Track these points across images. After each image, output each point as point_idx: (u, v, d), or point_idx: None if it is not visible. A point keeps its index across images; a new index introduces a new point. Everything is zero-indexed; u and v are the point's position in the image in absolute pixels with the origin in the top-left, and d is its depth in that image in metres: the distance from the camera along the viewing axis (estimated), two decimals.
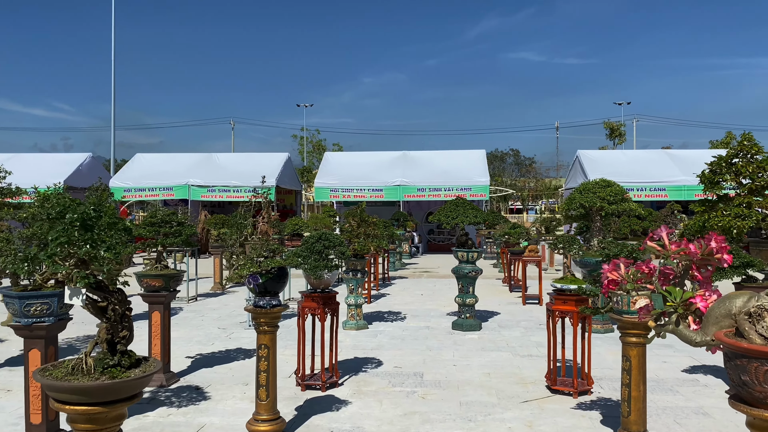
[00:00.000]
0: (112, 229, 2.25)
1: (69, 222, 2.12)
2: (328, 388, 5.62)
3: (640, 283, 2.66)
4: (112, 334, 2.33)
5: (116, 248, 2.19)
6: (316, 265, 5.20)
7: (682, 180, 21.33)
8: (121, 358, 2.30)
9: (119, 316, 2.36)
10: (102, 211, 2.20)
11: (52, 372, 2.20)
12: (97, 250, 2.15)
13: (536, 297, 10.82)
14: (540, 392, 5.53)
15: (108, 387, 2.13)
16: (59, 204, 2.16)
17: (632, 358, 3.84)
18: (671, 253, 2.48)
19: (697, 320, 2.51)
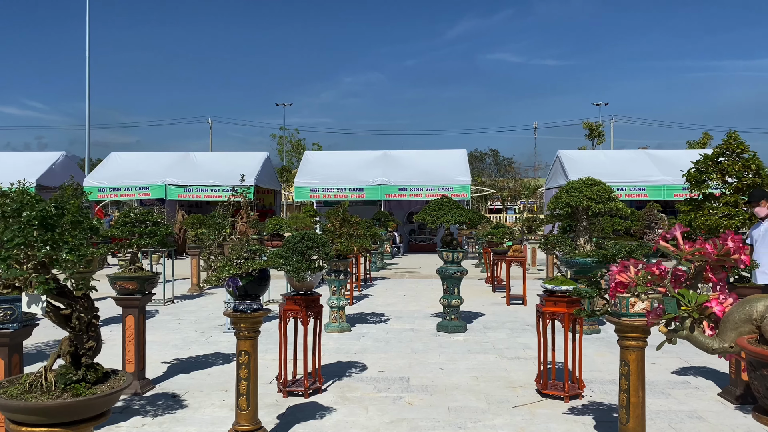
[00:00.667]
0: (75, 228, 2.02)
1: (26, 221, 1.88)
2: (311, 395, 5.41)
3: (650, 285, 2.49)
4: (77, 345, 2.10)
5: (80, 250, 1.96)
6: (299, 267, 4.99)
7: (662, 180, 21.47)
8: (86, 372, 2.06)
9: (85, 325, 2.13)
10: (64, 208, 1.97)
11: (7, 389, 1.97)
12: (58, 252, 1.93)
13: (520, 297, 10.70)
14: (530, 396, 5.37)
15: (70, 406, 1.90)
16: (15, 201, 1.93)
17: (631, 363, 3.68)
18: (686, 254, 2.32)
19: (711, 325, 2.35)
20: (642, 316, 3.64)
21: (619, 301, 3.67)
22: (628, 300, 3.62)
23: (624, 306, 3.65)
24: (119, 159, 23.99)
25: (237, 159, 23.67)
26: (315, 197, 21.86)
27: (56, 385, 1.99)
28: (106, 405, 2.01)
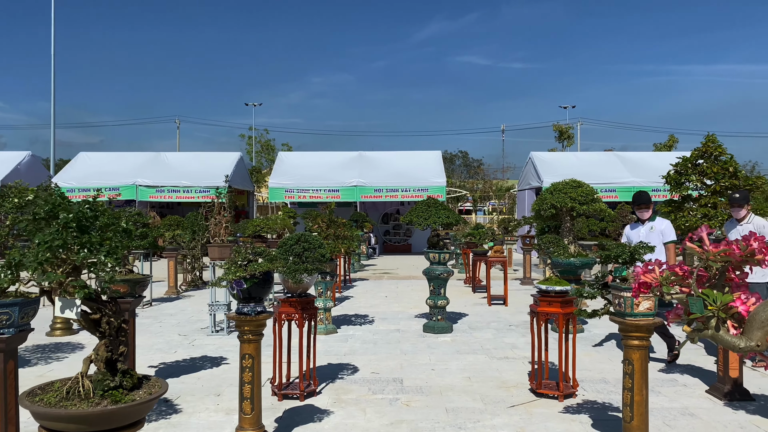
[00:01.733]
0: (108, 230, 1.96)
1: (63, 223, 1.82)
2: (306, 397, 5.37)
3: (673, 285, 2.53)
4: (112, 350, 2.04)
5: (117, 252, 1.91)
6: (296, 269, 4.95)
7: (631, 181, 21.86)
8: (122, 378, 2.01)
9: (115, 330, 2.07)
10: (98, 210, 1.91)
11: (42, 397, 1.90)
12: (96, 255, 1.87)
13: (501, 297, 10.80)
14: (525, 396, 5.42)
15: (111, 413, 1.85)
16: (48, 202, 1.86)
17: (635, 362, 3.75)
18: (712, 254, 2.37)
19: (735, 325, 2.40)
20: (646, 316, 3.71)
21: (623, 301, 3.73)
22: (633, 300, 3.68)
23: (629, 306, 3.71)
24: (88, 159, 23.47)
25: (210, 159, 23.39)
26: (290, 198, 21.72)
27: (94, 392, 1.94)
28: (145, 411, 1.96)
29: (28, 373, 6.26)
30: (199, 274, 13.23)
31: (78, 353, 7.15)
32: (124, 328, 2.11)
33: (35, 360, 6.86)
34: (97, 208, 1.89)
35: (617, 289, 3.77)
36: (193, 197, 21.62)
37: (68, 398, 1.92)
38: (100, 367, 2.05)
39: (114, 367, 2.05)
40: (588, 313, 4.18)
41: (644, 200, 6.78)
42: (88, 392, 1.94)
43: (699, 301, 2.36)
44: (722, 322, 2.38)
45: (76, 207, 1.88)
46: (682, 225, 8.04)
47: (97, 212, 1.91)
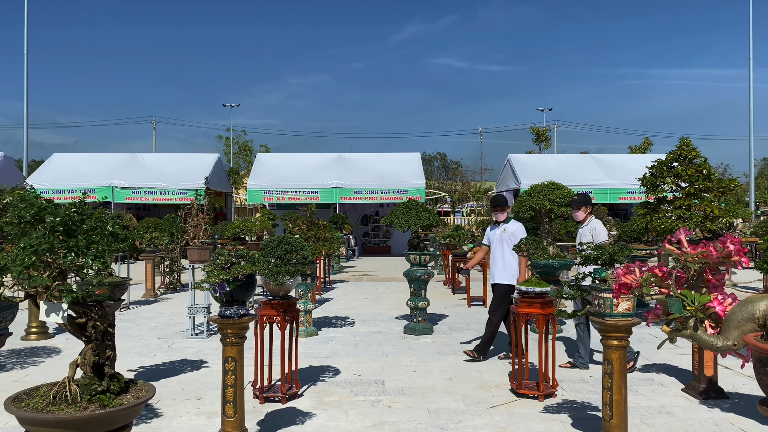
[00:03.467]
0: (95, 234, 1.95)
1: (50, 227, 1.81)
2: (288, 400, 5.36)
3: (652, 286, 2.59)
4: (99, 354, 2.03)
5: (104, 256, 1.90)
6: (278, 271, 4.94)
7: (608, 183, 22.19)
8: (109, 382, 2.00)
9: (101, 334, 2.06)
10: (85, 213, 1.90)
11: (28, 402, 1.88)
12: (83, 258, 1.86)
13: (481, 299, 10.88)
14: (505, 396, 5.48)
15: (99, 417, 1.83)
16: (33, 205, 1.85)
17: (614, 361, 3.81)
18: (690, 256, 2.43)
19: (712, 324, 2.46)
20: (625, 316, 3.78)
21: (603, 302, 3.80)
22: (612, 301, 3.75)
23: (608, 307, 3.77)
24: (62, 160, 23.11)
25: (187, 161, 23.19)
26: (268, 200, 21.63)
27: (81, 396, 1.92)
28: (133, 416, 1.95)
29: (3, 378, 6.16)
30: (177, 277, 13.11)
31: (54, 358, 7.04)
32: (111, 332, 2.10)
33: (11, 365, 6.75)
34: (83, 211, 1.88)
35: (597, 290, 3.84)
36: (170, 199, 21.41)
37: (55, 403, 1.90)
38: (87, 371, 2.03)
39: (101, 371, 2.03)
40: (568, 314, 4.24)
41: (499, 203, 7.04)
42: (76, 397, 1.92)
43: (678, 302, 2.42)
44: (700, 322, 2.45)
45: (63, 210, 1.87)
46: (658, 227, 8.17)
47: (84, 215, 1.90)
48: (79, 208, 1.89)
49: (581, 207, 6.77)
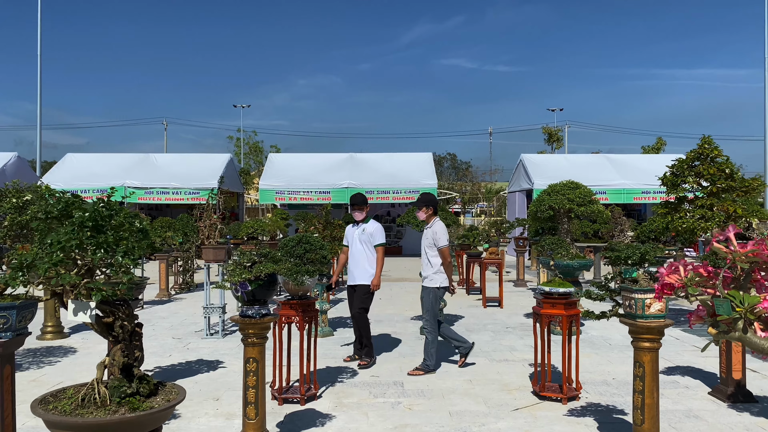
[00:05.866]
0: (123, 230, 1.88)
1: (79, 222, 1.73)
2: (307, 401, 5.28)
3: (696, 286, 2.48)
4: (128, 355, 1.95)
5: (134, 253, 1.82)
6: (298, 270, 4.86)
7: (621, 183, 21.98)
8: (139, 384, 1.92)
9: (128, 334, 1.98)
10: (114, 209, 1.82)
11: (56, 404, 1.81)
12: (113, 255, 1.78)
13: (497, 299, 10.76)
14: (528, 399, 5.37)
15: (131, 421, 1.76)
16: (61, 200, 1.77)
17: (646, 364, 3.71)
18: (740, 255, 2.32)
19: (762, 326, 2.36)
20: (658, 317, 3.67)
21: (634, 302, 3.69)
22: (644, 301, 3.64)
23: (639, 307, 3.67)
24: (75, 160, 23.20)
25: (199, 161, 23.20)
26: (280, 200, 21.60)
27: (111, 399, 1.85)
28: (163, 419, 1.87)
29: (20, 378, 6.12)
30: (191, 277, 13.07)
31: (70, 357, 7.01)
32: (138, 332, 2.02)
33: (27, 364, 6.72)
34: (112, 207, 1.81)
35: (628, 291, 3.73)
36: (182, 199, 21.41)
37: (84, 406, 1.83)
38: (116, 372, 1.96)
39: (130, 372, 1.96)
40: (596, 315, 4.14)
41: (357, 201, 6.83)
42: (105, 399, 1.85)
43: (726, 303, 2.31)
44: (749, 324, 2.34)
45: (92, 206, 1.80)
46: (679, 226, 8.04)
47: (113, 211, 1.82)
48: (108, 204, 1.82)
49: (422, 207, 6.54)
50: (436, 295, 6.37)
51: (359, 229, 6.80)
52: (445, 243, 6.37)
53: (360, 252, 6.74)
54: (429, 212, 6.52)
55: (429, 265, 6.41)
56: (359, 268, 6.70)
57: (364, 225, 6.82)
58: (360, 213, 6.80)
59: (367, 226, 6.80)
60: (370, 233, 6.73)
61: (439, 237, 6.36)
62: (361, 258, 6.70)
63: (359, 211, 6.79)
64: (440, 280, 6.36)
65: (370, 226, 6.80)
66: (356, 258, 6.75)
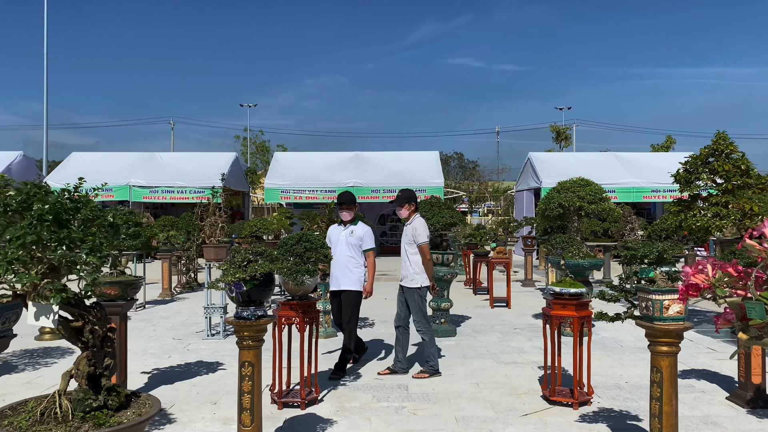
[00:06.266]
0: (92, 225, 1.69)
1: (37, 215, 1.55)
2: (307, 405, 5.09)
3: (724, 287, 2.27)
4: (95, 364, 1.77)
5: (102, 251, 1.64)
6: (298, 270, 4.67)
7: (630, 182, 21.66)
8: (106, 396, 1.74)
9: (99, 340, 1.80)
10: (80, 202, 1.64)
11: (12, 420, 1.63)
12: (76, 253, 1.60)
13: (504, 300, 10.54)
14: (537, 404, 5.16)
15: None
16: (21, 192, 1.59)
17: (664, 370, 3.49)
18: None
19: None
20: (676, 320, 3.46)
21: (651, 304, 3.48)
22: (662, 303, 3.43)
23: (657, 309, 3.46)
24: (80, 159, 23.11)
25: (205, 160, 23.05)
26: (286, 199, 21.43)
27: (74, 413, 1.66)
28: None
29: (14, 380, 5.97)
30: (194, 276, 12.92)
31: (67, 358, 6.85)
32: (111, 337, 1.84)
33: (22, 366, 6.56)
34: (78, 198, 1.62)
35: (645, 291, 3.52)
36: (187, 198, 21.27)
37: (42, 421, 1.64)
38: (82, 383, 1.78)
39: (98, 383, 1.77)
40: (610, 317, 3.92)
41: (346, 200, 6.33)
42: (66, 414, 1.66)
43: (759, 306, 2.10)
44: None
45: (54, 197, 1.62)
46: (692, 225, 7.79)
47: (79, 203, 1.64)
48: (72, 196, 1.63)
49: (404, 204, 6.23)
50: (421, 294, 6.14)
51: (347, 231, 6.28)
52: (425, 239, 6.14)
53: (347, 256, 6.22)
54: (411, 208, 6.27)
55: (409, 264, 6.17)
56: (345, 273, 6.16)
57: (352, 227, 6.31)
58: (348, 213, 6.30)
59: (356, 228, 6.29)
60: (360, 237, 6.25)
61: (420, 233, 6.12)
62: (348, 262, 6.18)
63: (348, 210, 6.30)
64: (422, 279, 6.14)
65: (359, 228, 6.30)
66: (342, 262, 6.19)
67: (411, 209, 6.27)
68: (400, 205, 6.28)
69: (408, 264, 6.18)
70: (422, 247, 6.11)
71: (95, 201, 3.48)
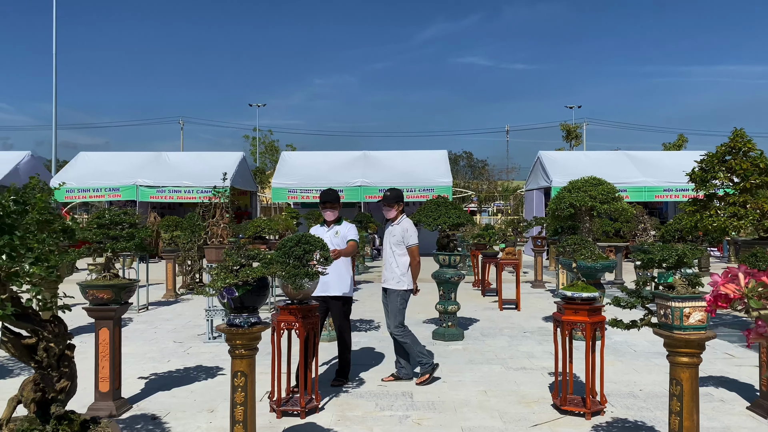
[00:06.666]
0: (43, 230, 1.50)
1: None
2: (307, 414, 4.89)
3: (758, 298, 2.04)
4: (44, 388, 1.57)
5: (49, 259, 1.44)
6: (296, 273, 4.46)
7: (642, 181, 21.32)
8: (56, 425, 1.54)
9: (55, 359, 1.60)
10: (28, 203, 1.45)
11: None
12: (19, 262, 1.41)
13: (513, 302, 10.30)
14: (548, 413, 4.93)
15: None
16: None
17: (684, 382, 3.26)
18: None
19: None
20: (698, 329, 3.22)
21: (671, 311, 3.24)
22: (682, 310, 3.19)
23: (677, 317, 3.22)
24: (88, 158, 23.04)
25: (212, 159, 22.91)
26: (293, 198, 21.26)
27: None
28: None
29: (9, 386, 5.80)
30: (198, 277, 12.76)
31: None
32: (69, 356, 1.64)
33: (18, 369, 6.39)
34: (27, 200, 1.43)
35: (663, 298, 3.28)
36: (194, 198, 21.13)
37: None
38: (31, 410, 1.58)
39: (47, 409, 1.58)
40: (626, 324, 3.68)
41: (330, 198, 5.84)
42: None
43: None
44: None
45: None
46: (709, 225, 7.52)
47: (27, 205, 1.45)
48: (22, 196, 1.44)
49: (394, 204, 5.95)
50: (404, 298, 5.90)
51: (331, 232, 5.80)
52: (415, 241, 5.91)
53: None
54: (399, 209, 6.03)
55: (395, 266, 5.91)
56: (333, 277, 5.59)
57: (336, 227, 5.86)
58: (332, 212, 5.84)
59: (341, 228, 5.86)
60: (344, 236, 5.80)
61: (410, 234, 5.89)
62: (337, 264, 5.56)
63: (331, 210, 5.82)
64: (408, 282, 5.90)
65: (343, 228, 5.87)
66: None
67: (399, 209, 6.04)
68: (389, 205, 6.00)
69: (394, 266, 5.93)
70: (413, 250, 5.89)
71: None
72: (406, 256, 5.90)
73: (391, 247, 5.99)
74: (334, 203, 5.87)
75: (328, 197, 5.87)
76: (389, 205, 6.01)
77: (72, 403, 5.23)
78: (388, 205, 6.01)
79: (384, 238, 6.17)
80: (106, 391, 4.87)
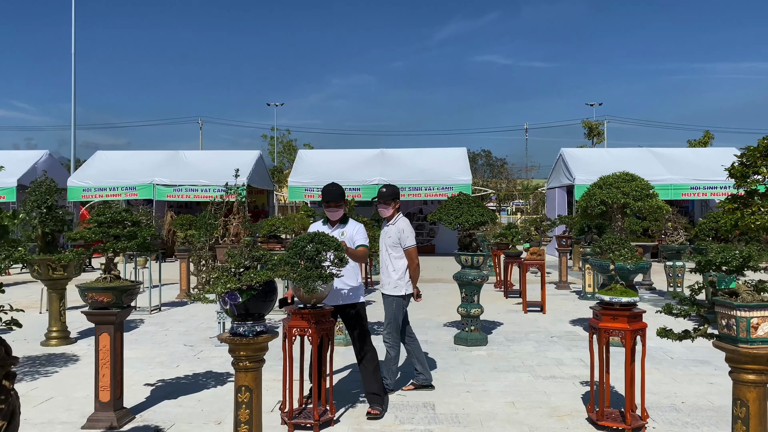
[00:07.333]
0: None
1: None
2: (321, 427, 4.53)
3: None
4: None
5: None
6: (309, 275, 4.10)
7: (669, 179, 20.67)
8: None
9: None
10: None
11: None
12: None
13: (539, 304, 9.86)
14: (583, 428, 4.52)
15: None
16: None
17: (751, 403, 2.84)
18: None
19: None
20: (767, 342, 2.80)
21: (735, 322, 2.83)
22: (749, 321, 2.78)
23: (743, 329, 2.80)
24: (105, 157, 22.97)
25: (228, 158, 22.69)
26: (309, 197, 20.95)
27: None
28: None
29: None
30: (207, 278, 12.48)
31: (70, 367, 6.40)
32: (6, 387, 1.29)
33: (21, 375, 6.12)
34: None
35: (726, 306, 2.87)
36: (211, 196, 20.89)
37: None
38: None
39: None
40: (677, 334, 3.27)
41: (332, 196, 5.11)
42: None
43: None
44: None
45: None
46: (751, 224, 7.02)
47: None
48: None
49: (390, 201, 5.44)
50: (401, 304, 5.47)
51: (336, 233, 5.03)
52: (413, 242, 5.43)
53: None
54: (396, 207, 5.53)
55: (392, 269, 5.44)
56: (339, 284, 4.90)
57: (342, 227, 5.15)
58: (336, 211, 5.16)
59: (347, 228, 5.14)
60: (351, 237, 5.07)
61: (408, 235, 5.42)
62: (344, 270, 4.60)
63: (335, 208, 5.14)
64: (406, 286, 5.45)
65: (350, 227, 5.15)
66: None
67: (396, 207, 5.57)
68: (385, 202, 5.46)
69: (390, 269, 5.46)
70: (411, 252, 5.44)
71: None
72: (403, 259, 5.44)
73: (386, 249, 5.50)
74: (338, 201, 5.14)
75: (331, 196, 5.13)
76: (385, 202, 5.47)
77: (73, 413, 4.94)
78: (384, 203, 5.48)
79: (380, 239, 5.71)
80: (107, 401, 4.55)
